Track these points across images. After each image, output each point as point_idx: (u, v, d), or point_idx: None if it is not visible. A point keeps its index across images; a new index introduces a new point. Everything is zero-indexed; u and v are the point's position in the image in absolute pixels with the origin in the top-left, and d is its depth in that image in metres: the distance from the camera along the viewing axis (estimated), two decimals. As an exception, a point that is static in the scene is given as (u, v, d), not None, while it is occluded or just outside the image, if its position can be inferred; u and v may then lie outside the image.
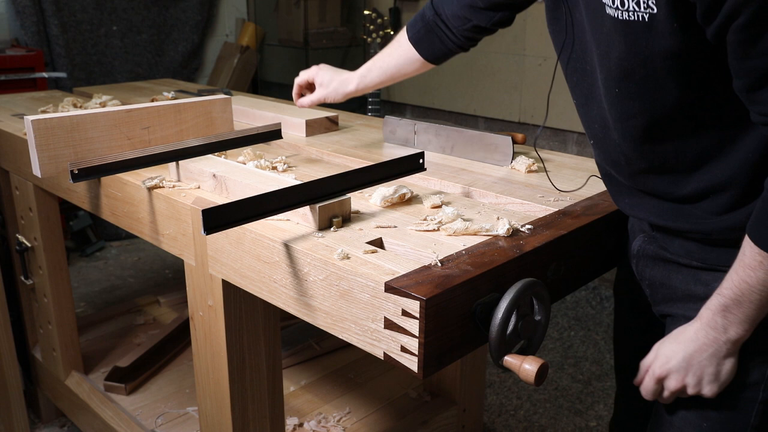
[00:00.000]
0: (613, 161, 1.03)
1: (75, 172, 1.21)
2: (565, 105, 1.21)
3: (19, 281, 2.06)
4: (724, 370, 0.95)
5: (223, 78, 4.17)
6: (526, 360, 0.88)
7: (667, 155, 0.95)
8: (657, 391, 1.01)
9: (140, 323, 2.35)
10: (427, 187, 1.34)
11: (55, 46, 3.51)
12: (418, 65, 1.39)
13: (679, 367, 0.96)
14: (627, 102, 0.93)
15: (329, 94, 1.46)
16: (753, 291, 0.86)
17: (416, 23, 1.36)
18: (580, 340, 2.82)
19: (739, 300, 0.88)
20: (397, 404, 1.85)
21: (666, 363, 0.97)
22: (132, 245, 3.69)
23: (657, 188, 0.99)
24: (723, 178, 0.91)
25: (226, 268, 1.15)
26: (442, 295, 0.85)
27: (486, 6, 1.25)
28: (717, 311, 0.91)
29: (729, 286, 0.89)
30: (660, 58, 0.85)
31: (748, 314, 0.89)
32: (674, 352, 0.96)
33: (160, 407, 1.87)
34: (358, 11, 4.03)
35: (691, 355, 0.95)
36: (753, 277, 0.86)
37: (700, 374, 0.95)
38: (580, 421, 2.30)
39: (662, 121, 0.92)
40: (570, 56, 1.03)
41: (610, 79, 0.93)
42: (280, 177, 1.21)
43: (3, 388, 2.00)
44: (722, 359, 0.94)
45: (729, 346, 0.93)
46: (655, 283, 1.08)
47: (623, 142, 0.98)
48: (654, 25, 0.83)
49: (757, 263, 0.85)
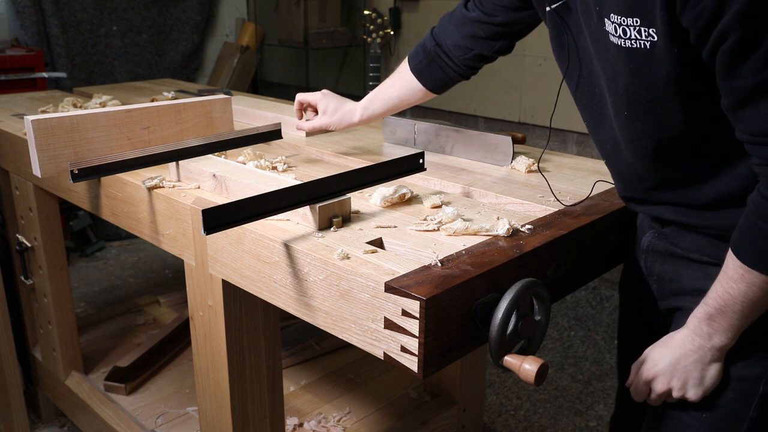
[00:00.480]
0: (626, 179, 1.06)
1: (75, 172, 1.21)
2: (566, 105, 1.21)
3: (19, 281, 2.06)
4: (708, 375, 0.99)
5: (223, 78, 4.17)
6: (526, 360, 0.88)
7: (679, 171, 0.98)
8: (645, 393, 1.05)
9: (140, 323, 2.35)
10: (427, 187, 1.33)
11: (55, 46, 3.51)
12: (421, 95, 1.40)
13: (665, 371, 1.00)
14: (636, 124, 0.96)
15: (333, 122, 1.45)
16: (735, 302, 0.90)
17: (417, 54, 1.37)
18: (580, 340, 2.82)
19: (723, 310, 0.92)
20: (397, 404, 1.85)
21: (654, 366, 1.02)
22: (132, 245, 3.70)
23: (672, 199, 1.01)
24: (736, 189, 0.94)
25: (226, 268, 1.15)
26: (442, 295, 0.85)
27: (487, 36, 1.26)
28: (702, 320, 0.95)
29: (713, 297, 0.93)
30: (663, 83, 0.88)
31: (731, 323, 0.93)
32: (662, 356, 1.01)
33: (160, 407, 1.87)
34: (358, 11, 4.03)
35: (677, 360, 0.99)
36: (735, 288, 0.90)
37: (685, 378, 0.99)
38: (580, 421, 2.29)
39: (671, 141, 0.95)
40: (579, 80, 1.05)
41: (619, 102, 0.96)
42: (280, 177, 1.21)
43: (3, 388, 2.00)
44: (707, 365, 0.98)
45: (714, 353, 0.97)
46: (664, 278, 1.10)
47: (635, 161, 1.00)
48: (655, 51, 0.86)
49: (738, 276, 0.89)
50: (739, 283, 0.89)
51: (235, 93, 2.29)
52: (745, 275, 0.88)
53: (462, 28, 1.28)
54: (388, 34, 3.51)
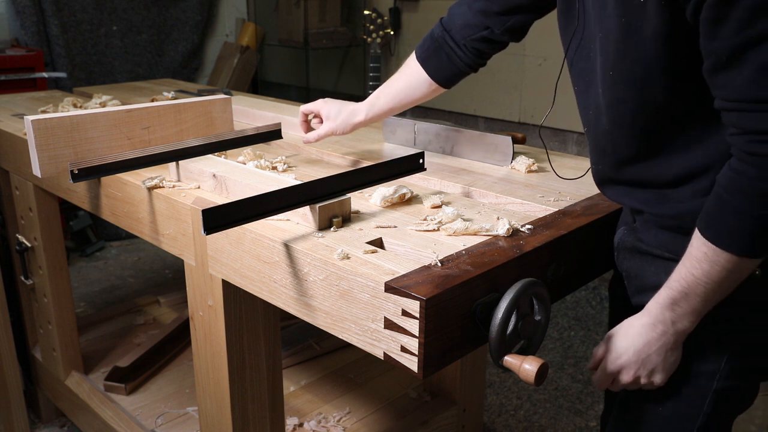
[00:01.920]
0: (601, 150, 1.06)
1: (75, 172, 1.21)
2: (566, 105, 1.21)
3: (19, 281, 2.06)
4: (671, 359, 1.00)
5: (223, 78, 4.17)
6: (526, 360, 0.88)
7: (653, 142, 0.98)
8: (607, 383, 1.05)
9: (140, 323, 2.35)
10: (427, 187, 1.33)
11: (55, 46, 3.51)
12: (426, 87, 1.37)
13: (630, 363, 1.01)
14: (619, 86, 0.96)
15: (338, 126, 1.42)
16: (699, 284, 0.90)
17: (425, 42, 1.36)
18: (580, 340, 2.82)
19: (686, 293, 0.92)
20: (397, 404, 1.85)
21: (617, 359, 1.02)
22: (132, 245, 3.69)
23: (640, 175, 1.01)
24: (704, 163, 0.94)
25: (226, 268, 1.15)
26: (442, 295, 0.85)
27: (500, 10, 1.24)
28: (665, 305, 0.96)
29: (677, 278, 0.93)
30: (651, 40, 0.89)
31: (694, 307, 0.93)
32: (625, 348, 1.01)
33: (160, 407, 1.87)
34: (358, 11, 4.03)
35: (641, 350, 0.99)
36: (699, 269, 0.89)
37: (651, 367, 1.00)
38: (580, 421, 2.30)
39: (651, 107, 0.95)
40: (580, 43, 1.05)
41: (608, 61, 0.96)
42: (280, 177, 1.21)
43: (3, 388, 2.00)
44: (670, 350, 0.99)
45: (676, 338, 0.98)
46: (631, 275, 1.11)
47: (613, 128, 1.00)
48: (647, 5, 0.87)
49: (702, 254, 0.88)
50: (702, 263, 0.88)
51: (235, 93, 2.29)
52: (708, 253, 0.87)
53: (474, 3, 1.26)
54: (388, 34, 3.51)
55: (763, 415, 2.29)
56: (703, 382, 1.03)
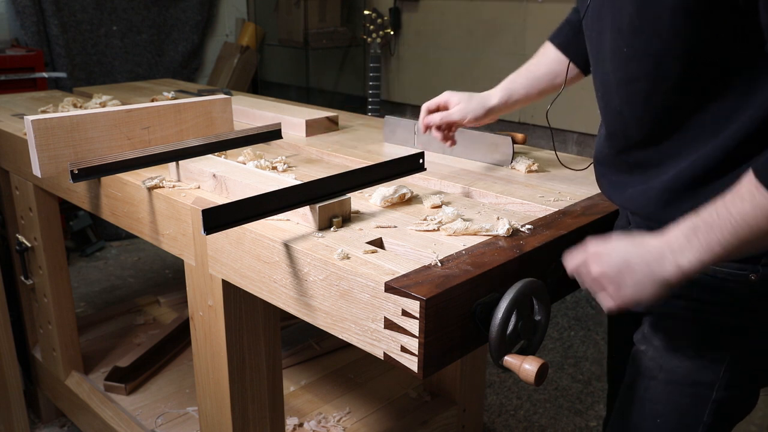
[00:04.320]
0: (609, 133, 1.04)
1: (75, 172, 1.21)
2: (566, 105, 1.20)
3: (19, 281, 2.06)
4: (648, 290, 0.88)
5: (223, 78, 4.18)
6: (526, 360, 0.88)
7: (664, 124, 0.94)
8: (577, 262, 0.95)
9: (140, 323, 2.35)
10: (427, 187, 1.33)
11: (55, 46, 3.51)
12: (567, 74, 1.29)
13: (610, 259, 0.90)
14: (632, 63, 0.93)
15: (470, 109, 1.33)
16: (728, 220, 0.81)
17: (561, 29, 1.31)
18: (580, 340, 2.82)
19: (711, 225, 0.83)
20: (397, 404, 1.85)
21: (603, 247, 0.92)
22: (132, 245, 3.69)
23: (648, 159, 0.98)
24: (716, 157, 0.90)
25: (226, 268, 1.15)
26: (442, 295, 0.85)
27: None
28: (684, 230, 0.85)
29: (709, 210, 0.84)
30: (669, 14, 0.85)
31: (710, 245, 0.83)
32: (617, 247, 0.90)
33: (160, 407, 1.87)
34: (358, 11, 4.03)
35: (630, 258, 0.88)
36: (738, 207, 0.81)
37: (626, 279, 0.88)
38: (580, 421, 2.30)
39: (664, 86, 0.92)
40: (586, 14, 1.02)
41: (621, 37, 0.93)
42: (280, 177, 1.21)
43: (3, 388, 2.00)
44: (655, 280, 0.87)
45: (671, 271, 0.86)
46: None
47: (625, 107, 0.98)
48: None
49: (749, 194, 0.80)
50: (745, 203, 0.81)
51: (235, 93, 2.29)
52: (757, 197, 0.79)
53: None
54: (388, 34, 3.51)
55: (763, 415, 2.29)
56: (702, 392, 1.01)
